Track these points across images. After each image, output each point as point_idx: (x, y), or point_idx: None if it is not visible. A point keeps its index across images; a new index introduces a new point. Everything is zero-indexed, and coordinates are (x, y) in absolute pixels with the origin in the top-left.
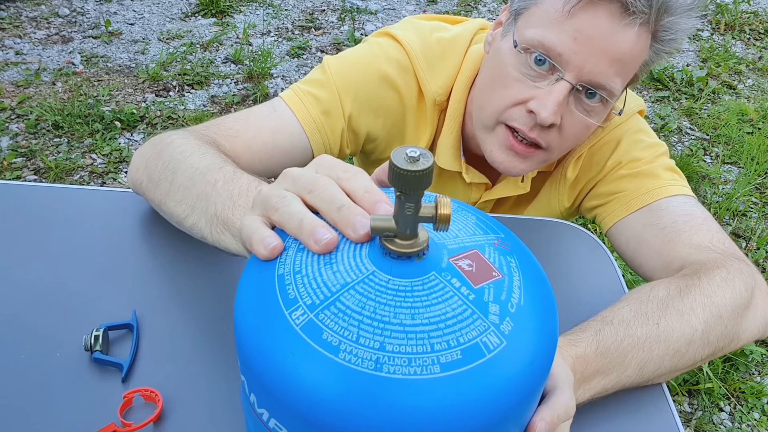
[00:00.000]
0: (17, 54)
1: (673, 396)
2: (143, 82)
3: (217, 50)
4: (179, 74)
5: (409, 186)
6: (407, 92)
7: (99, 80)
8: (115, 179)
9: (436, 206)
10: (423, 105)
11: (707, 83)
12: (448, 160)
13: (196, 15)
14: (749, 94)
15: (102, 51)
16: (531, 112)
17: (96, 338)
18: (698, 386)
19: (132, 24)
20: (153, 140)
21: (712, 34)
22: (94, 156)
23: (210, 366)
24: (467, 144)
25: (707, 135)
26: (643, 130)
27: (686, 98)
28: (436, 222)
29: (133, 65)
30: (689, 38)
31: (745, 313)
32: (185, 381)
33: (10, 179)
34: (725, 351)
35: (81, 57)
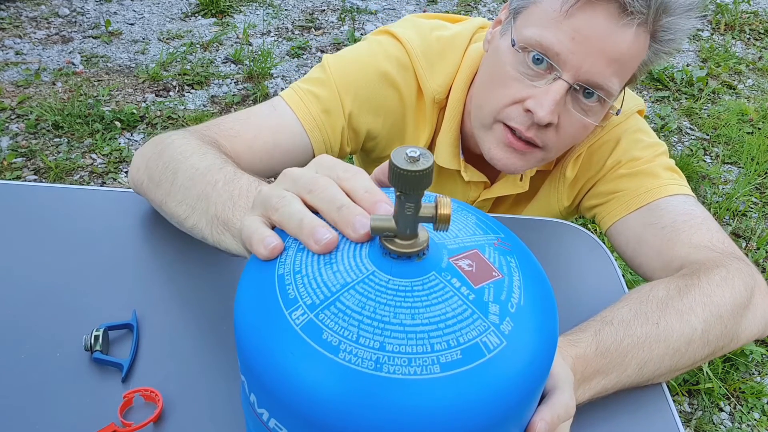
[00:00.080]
0: (17, 54)
1: (673, 396)
2: (143, 82)
3: (217, 50)
4: (179, 74)
5: (409, 186)
6: (407, 90)
7: (99, 80)
8: (115, 179)
9: (436, 206)
10: (422, 103)
11: (707, 83)
12: (447, 159)
13: (196, 15)
14: (749, 94)
15: (102, 51)
16: (528, 111)
17: (96, 338)
18: (698, 386)
19: (132, 24)
20: (154, 140)
21: (712, 34)
22: (94, 156)
23: (210, 366)
24: (466, 142)
25: (707, 135)
26: (643, 130)
27: (686, 98)
28: (436, 222)
29: (133, 65)
30: (689, 38)
31: (745, 313)
32: (185, 381)
33: (10, 179)
34: (725, 350)
35: (81, 57)
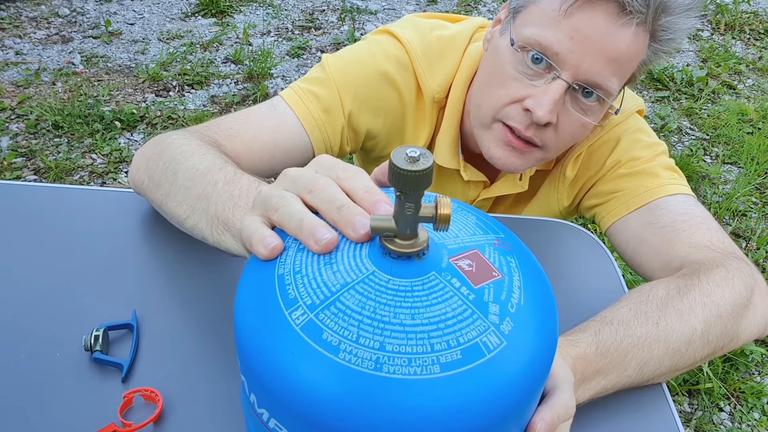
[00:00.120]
0: (17, 54)
1: (673, 396)
2: (143, 82)
3: (217, 50)
4: (179, 74)
5: (409, 186)
6: (406, 90)
7: (99, 80)
8: (115, 179)
9: (436, 206)
10: (422, 102)
11: (707, 83)
12: (447, 158)
13: (196, 15)
14: (749, 94)
15: (102, 51)
16: (527, 111)
17: (96, 338)
18: (698, 386)
19: (132, 24)
20: (154, 140)
21: (712, 34)
22: (94, 156)
23: (210, 366)
24: (466, 142)
25: (707, 135)
26: (643, 130)
27: (686, 98)
28: (436, 222)
29: (133, 65)
30: (689, 38)
31: (745, 312)
32: (185, 381)
33: (10, 179)
34: (725, 350)
35: (81, 57)
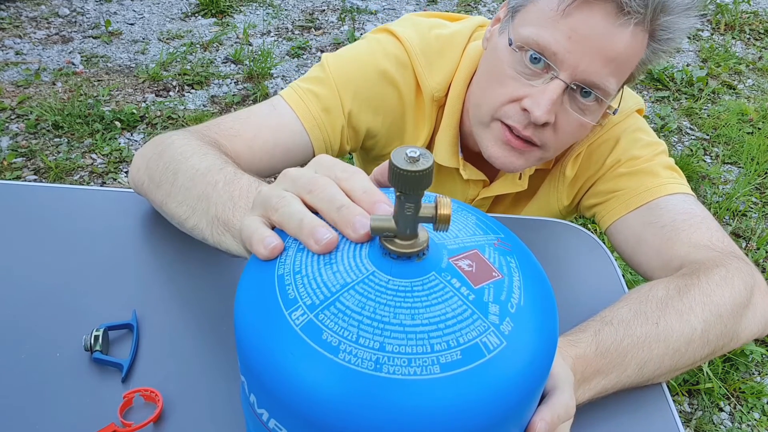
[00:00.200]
0: (17, 54)
1: (673, 396)
2: (143, 82)
3: (217, 50)
4: (179, 74)
5: (409, 186)
6: (406, 88)
7: (99, 80)
8: (115, 179)
9: (436, 206)
10: (421, 101)
11: (707, 83)
12: (446, 157)
13: (196, 15)
14: (749, 94)
15: (102, 51)
16: (525, 110)
17: (96, 338)
18: (698, 386)
19: (132, 24)
20: (154, 141)
21: (712, 34)
22: (94, 156)
23: (210, 366)
24: (465, 141)
25: (707, 135)
26: (642, 129)
27: (686, 98)
28: (436, 222)
29: (133, 65)
30: (689, 38)
31: (745, 312)
32: (185, 381)
33: (10, 179)
34: (725, 350)
35: (81, 57)
